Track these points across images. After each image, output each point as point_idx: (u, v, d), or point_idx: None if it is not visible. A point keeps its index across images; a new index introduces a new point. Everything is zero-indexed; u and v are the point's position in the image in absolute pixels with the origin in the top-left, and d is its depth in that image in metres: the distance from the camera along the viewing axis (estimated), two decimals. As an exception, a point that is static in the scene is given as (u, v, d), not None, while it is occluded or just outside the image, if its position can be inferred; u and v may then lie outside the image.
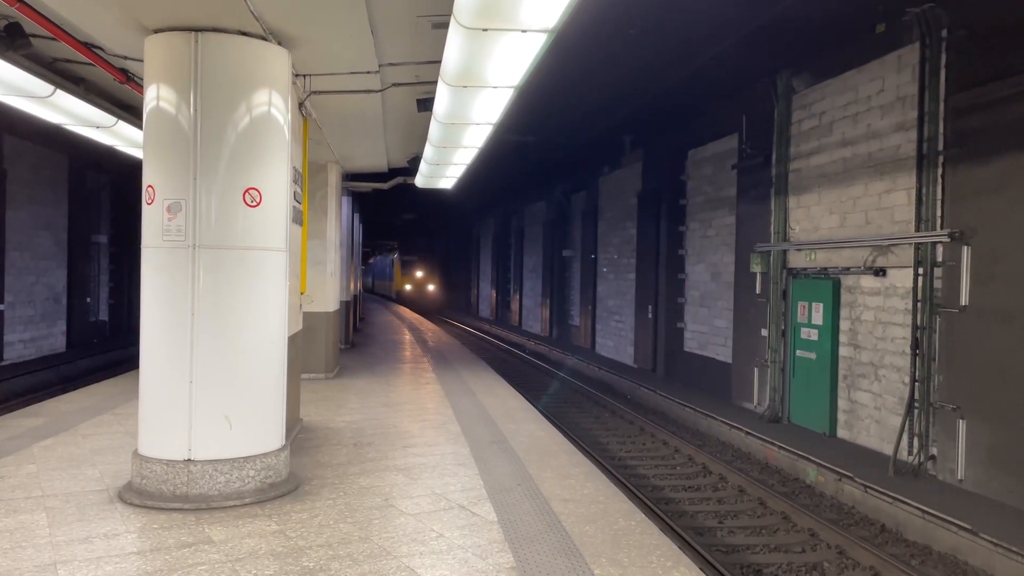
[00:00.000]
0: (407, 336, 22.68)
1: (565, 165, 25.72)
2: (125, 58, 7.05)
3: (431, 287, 57.56)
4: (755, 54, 12.50)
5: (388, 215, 43.13)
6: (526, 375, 20.86)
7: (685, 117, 17.14)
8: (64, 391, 11.73)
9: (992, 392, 8.69)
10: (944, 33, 9.53)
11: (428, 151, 11.15)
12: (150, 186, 5.85)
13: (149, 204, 5.85)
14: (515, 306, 36.20)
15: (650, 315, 19.16)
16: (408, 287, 57.80)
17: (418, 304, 53.78)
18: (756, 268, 13.39)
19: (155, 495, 5.79)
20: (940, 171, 9.51)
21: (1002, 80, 8.59)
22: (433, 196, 24.66)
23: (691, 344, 17.55)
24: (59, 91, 8.15)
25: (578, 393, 17.98)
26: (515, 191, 34.33)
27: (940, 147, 9.50)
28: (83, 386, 11.85)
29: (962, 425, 9.04)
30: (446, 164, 12.32)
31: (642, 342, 19.87)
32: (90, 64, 7.46)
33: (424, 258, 58.44)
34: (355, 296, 23.66)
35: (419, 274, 57.91)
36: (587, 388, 18.13)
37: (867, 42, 10.95)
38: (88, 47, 6.97)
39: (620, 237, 22.18)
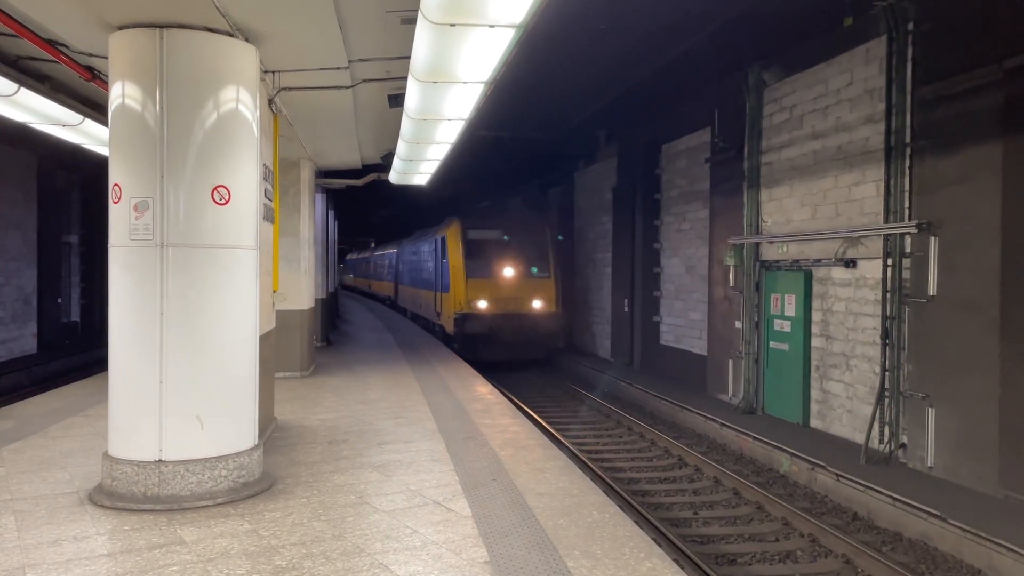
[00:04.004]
0: (386, 336, 22.61)
1: (540, 160, 25.74)
2: (90, 55, 6.97)
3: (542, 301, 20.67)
4: (726, 48, 12.59)
5: (364, 211, 42.32)
6: (509, 371, 20.85)
7: (658, 111, 17.22)
8: (36, 393, 11.57)
9: (960, 381, 8.83)
10: (911, 26, 9.64)
11: (401, 147, 11.10)
12: (116, 185, 5.79)
13: (116, 203, 5.78)
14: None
15: (626, 309, 19.25)
16: (486, 304, 20.18)
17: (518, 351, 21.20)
18: (730, 261, 13.49)
19: (126, 496, 5.73)
20: (908, 163, 9.63)
21: (967, 72, 8.71)
22: (408, 193, 24.59)
23: (667, 337, 17.65)
24: (24, 89, 8.02)
25: (555, 387, 18.03)
26: (490, 186, 34.28)
27: (907, 139, 9.62)
28: (55, 388, 11.70)
29: (931, 413, 9.18)
30: (419, 160, 12.28)
31: (618, 335, 19.95)
32: (55, 62, 7.37)
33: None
34: (332, 293, 23.56)
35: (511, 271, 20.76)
36: (563, 382, 18.19)
37: (835, 35, 11.06)
38: (52, 44, 6.87)
39: (596, 232, 22.24)
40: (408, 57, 6.55)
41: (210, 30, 5.82)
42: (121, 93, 5.79)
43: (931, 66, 9.33)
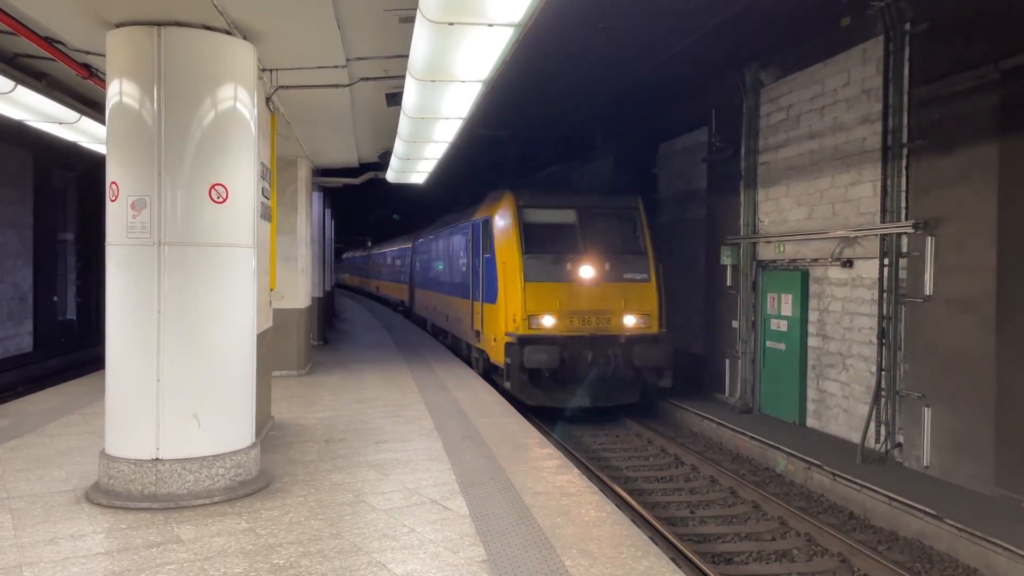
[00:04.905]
0: (383, 334, 22.59)
1: (539, 159, 25.71)
2: (87, 53, 6.95)
3: (641, 316, 13.36)
4: (723, 48, 12.59)
5: (361, 210, 41.98)
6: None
7: (655, 111, 17.21)
8: (31, 392, 11.55)
9: (956, 380, 8.85)
10: (907, 26, 9.66)
11: (398, 146, 11.09)
12: (114, 183, 5.78)
13: (113, 201, 5.78)
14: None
15: None
16: (555, 322, 12.94)
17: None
18: (727, 260, 13.50)
19: (123, 495, 5.73)
20: (904, 163, 9.65)
21: (963, 73, 8.73)
22: (406, 191, 24.54)
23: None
24: (20, 87, 8.00)
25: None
26: (489, 185, 34.14)
27: (904, 139, 9.64)
28: (50, 386, 11.68)
29: (927, 413, 9.21)
30: (417, 159, 12.27)
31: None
32: (52, 59, 7.34)
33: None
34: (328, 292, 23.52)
35: (592, 271, 13.24)
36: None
37: (833, 35, 11.07)
38: (49, 42, 6.85)
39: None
40: (406, 56, 6.55)
41: (208, 28, 5.81)
42: (119, 91, 5.79)
43: (928, 66, 9.35)
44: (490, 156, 22.81)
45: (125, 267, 5.77)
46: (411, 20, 5.66)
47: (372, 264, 43.72)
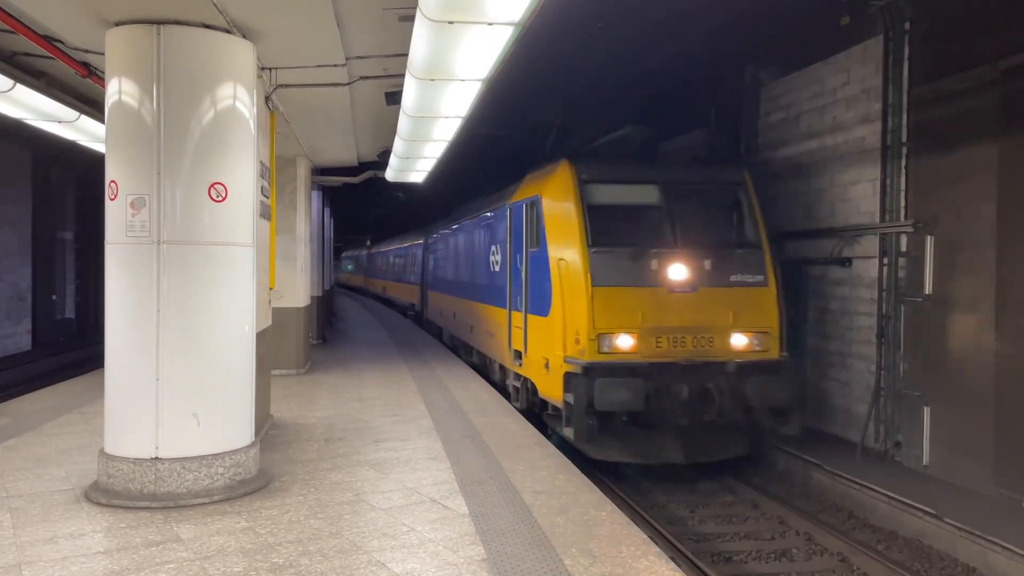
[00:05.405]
0: (382, 333, 22.60)
1: (538, 157, 25.62)
2: (86, 51, 6.94)
3: (754, 335, 9.65)
4: (722, 47, 12.58)
5: (360, 209, 41.60)
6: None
7: (654, 110, 17.20)
8: (30, 390, 11.54)
9: (955, 379, 8.86)
10: (907, 26, 9.66)
11: (398, 145, 11.09)
12: (113, 181, 5.78)
13: (112, 200, 5.77)
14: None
15: None
16: (633, 343, 9.22)
17: None
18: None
19: (122, 494, 5.72)
20: (904, 162, 9.65)
21: (963, 72, 8.73)
22: (408, 190, 24.50)
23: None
24: (19, 85, 8.00)
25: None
26: (488, 184, 34.01)
27: (904, 139, 9.64)
28: (49, 385, 11.67)
29: (927, 412, 9.21)
30: (416, 158, 12.27)
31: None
32: (51, 58, 7.33)
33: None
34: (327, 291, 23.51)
35: (684, 271, 9.49)
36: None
37: (832, 35, 11.06)
38: (48, 40, 6.85)
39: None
40: (406, 54, 6.55)
41: (207, 26, 5.80)
42: (118, 89, 5.78)
43: (928, 66, 9.35)
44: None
45: (124, 266, 5.76)
46: (411, 19, 5.66)
47: (378, 262, 39.07)
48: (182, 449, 5.79)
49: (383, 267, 37.10)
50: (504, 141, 20.78)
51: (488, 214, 14.03)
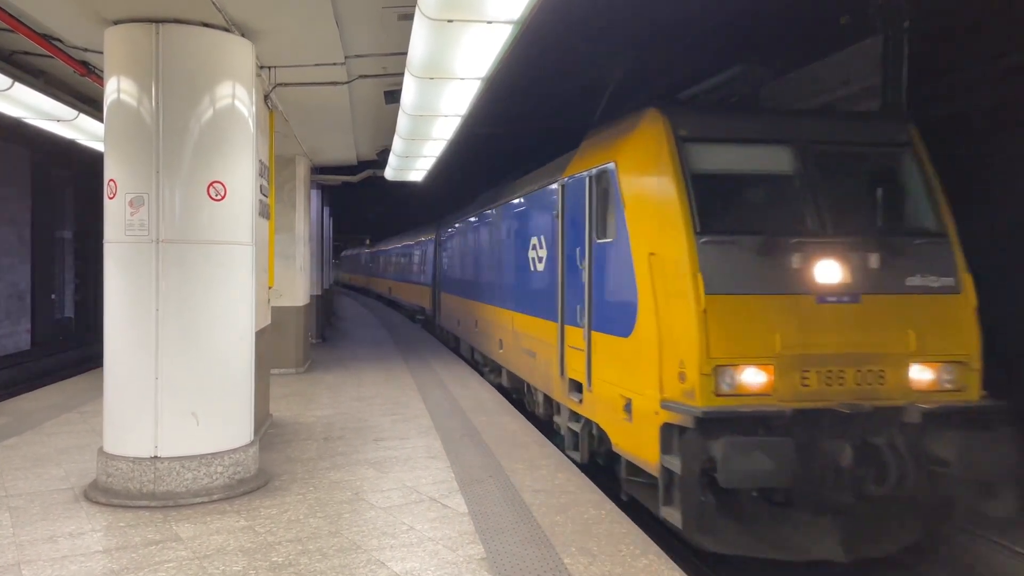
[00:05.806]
0: (381, 332, 22.60)
1: (540, 157, 25.60)
2: (85, 50, 6.93)
3: (943, 369, 6.39)
4: (721, 46, 12.55)
5: (360, 208, 41.43)
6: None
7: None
8: (29, 390, 11.54)
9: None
10: (906, 24, 9.64)
11: (397, 143, 11.09)
12: (112, 180, 5.77)
13: (111, 198, 5.77)
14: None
15: None
16: (767, 380, 5.96)
17: None
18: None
19: (121, 493, 5.72)
20: (903, 161, 9.62)
21: (962, 71, 8.72)
22: (406, 189, 24.46)
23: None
24: (18, 84, 7.99)
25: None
26: (487, 184, 33.94)
27: (903, 137, 9.61)
28: (49, 384, 11.67)
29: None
30: (415, 156, 12.26)
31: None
32: (50, 57, 7.33)
33: None
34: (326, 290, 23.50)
35: (839, 271, 6.26)
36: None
37: (831, 34, 11.05)
38: (47, 39, 6.84)
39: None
40: (405, 53, 6.55)
41: (206, 25, 5.80)
42: (117, 88, 5.78)
43: (927, 65, 9.33)
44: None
45: (123, 265, 5.76)
46: (410, 17, 5.65)
47: (381, 259, 35.30)
48: (181, 448, 5.78)
49: (387, 265, 33.69)
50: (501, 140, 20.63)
51: (524, 198, 10.96)
